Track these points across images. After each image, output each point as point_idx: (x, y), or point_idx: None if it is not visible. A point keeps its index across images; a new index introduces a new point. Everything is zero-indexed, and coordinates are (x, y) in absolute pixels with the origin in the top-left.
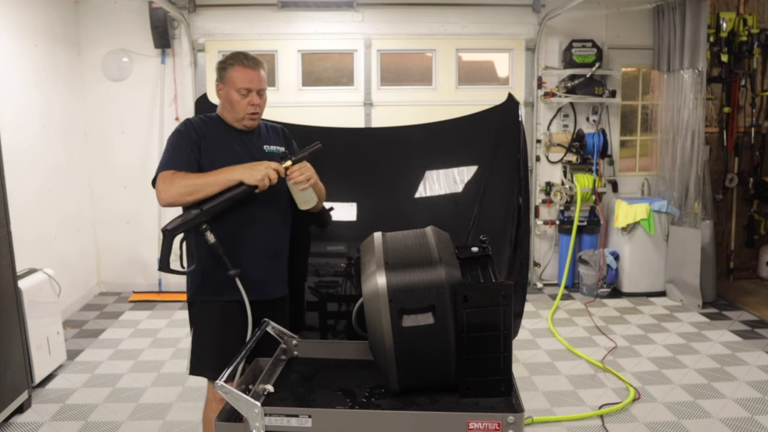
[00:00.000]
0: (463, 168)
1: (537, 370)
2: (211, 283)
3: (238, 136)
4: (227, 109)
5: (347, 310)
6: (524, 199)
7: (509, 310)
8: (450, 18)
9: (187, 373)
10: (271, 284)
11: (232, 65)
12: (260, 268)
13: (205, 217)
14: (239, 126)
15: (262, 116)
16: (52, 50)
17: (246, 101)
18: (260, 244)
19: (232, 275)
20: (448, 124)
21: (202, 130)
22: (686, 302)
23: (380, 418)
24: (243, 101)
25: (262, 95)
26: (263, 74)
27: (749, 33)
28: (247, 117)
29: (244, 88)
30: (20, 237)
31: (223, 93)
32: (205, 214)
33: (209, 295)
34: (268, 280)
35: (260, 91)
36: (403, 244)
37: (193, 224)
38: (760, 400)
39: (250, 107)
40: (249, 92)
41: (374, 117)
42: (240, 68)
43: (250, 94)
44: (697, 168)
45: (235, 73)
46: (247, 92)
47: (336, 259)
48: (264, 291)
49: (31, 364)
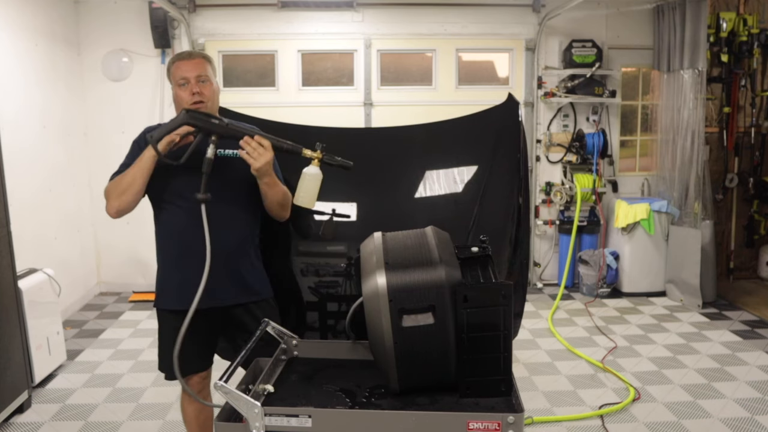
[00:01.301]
0: (463, 168)
1: (537, 370)
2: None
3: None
4: (177, 107)
5: (347, 310)
6: (524, 199)
7: (509, 310)
8: (450, 18)
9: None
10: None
11: (172, 63)
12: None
13: (222, 130)
14: None
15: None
16: (52, 50)
17: (186, 91)
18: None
19: (201, 199)
20: (448, 124)
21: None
22: (686, 302)
23: (380, 418)
24: (183, 93)
25: (205, 83)
26: (201, 62)
27: (749, 33)
28: (193, 107)
29: (182, 78)
30: (20, 237)
31: (172, 96)
32: (223, 128)
33: (159, 303)
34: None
35: (199, 78)
36: (403, 244)
37: (208, 127)
38: (760, 400)
39: (190, 96)
40: (187, 82)
41: (374, 117)
42: (176, 63)
43: (188, 84)
44: (697, 168)
45: (173, 69)
46: (185, 82)
47: (336, 259)
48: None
49: (31, 364)
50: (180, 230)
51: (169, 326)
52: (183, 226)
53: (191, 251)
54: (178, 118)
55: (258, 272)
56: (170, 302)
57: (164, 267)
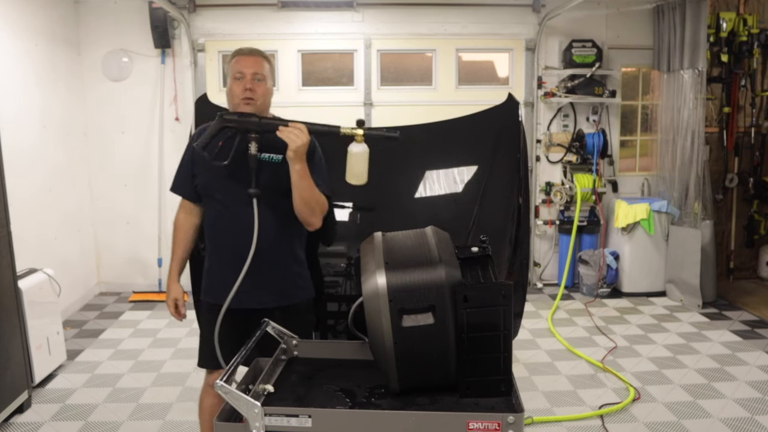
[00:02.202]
0: (463, 168)
1: (537, 370)
2: (207, 283)
3: (240, 139)
4: (229, 101)
5: (347, 310)
6: (524, 199)
7: (509, 310)
8: (450, 18)
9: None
10: (264, 294)
11: (233, 58)
12: (252, 276)
13: (257, 127)
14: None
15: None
16: (52, 50)
17: (239, 86)
18: (244, 250)
19: (252, 194)
20: (448, 124)
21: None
22: (686, 302)
23: (380, 418)
24: (237, 87)
25: (260, 81)
26: (260, 60)
27: (749, 33)
28: (242, 102)
29: (238, 72)
30: (20, 237)
31: (227, 88)
32: (259, 125)
33: (203, 294)
34: (255, 289)
35: (255, 75)
36: (403, 244)
37: (244, 126)
38: (760, 400)
39: (243, 92)
40: (243, 77)
41: (374, 117)
42: (236, 57)
43: (243, 79)
44: (697, 168)
45: (233, 63)
46: (241, 75)
47: (336, 259)
48: (248, 299)
49: (31, 364)
50: (223, 231)
51: (202, 317)
52: (226, 227)
53: (234, 251)
54: (214, 124)
55: (299, 277)
56: (212, 296)
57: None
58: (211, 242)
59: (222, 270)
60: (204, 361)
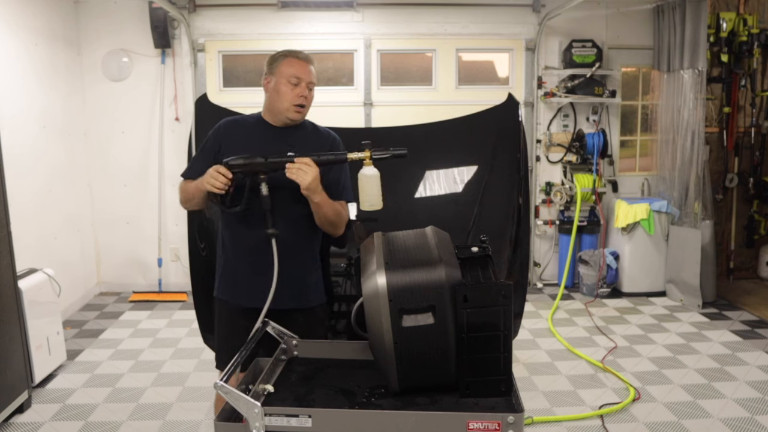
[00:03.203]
0: (463, 168)
1: (537, 370)
2: (225, 281)
3: (275, 135)
4: (273, 101)
5: (347, 310)
6: (524, 199)
7: (509, 310)
8: (450, 18)
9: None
10: (283, 295)
11: (285, 57)
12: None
13: (265, 168)
14: (283, 119)
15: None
16: (52, 50)
17: (295, 92)
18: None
19: (270, 234)
20: (448, 124)
21: (229, 133)
22: (686, 302)
23: (380, 418)
24: (291, 91)
25: (311, 90)
26: (313, 70)
27: (749, 33)
28: (293, 109)
29: (295, 76)
30: (20, 237)
31: (271, 85)
32: (266, 165)
33: (220, 293)
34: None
35: (309, 85)
36: (403, 244)
37: (250, 169)
38: (760, 400)
39: (297, 98)
40: (299, 82)
41: (374, 117)
42: (293, 60)
43: (299, 85)
44: (697, 168)
45: (286, 64)
46: (297, 81)
47: (336, 259)
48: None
49: (31, 364)
50: (238, 230)
51: (219, 315)
52: (240, 227)
53: (247, 250)
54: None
55: (315, 279)
56: (225, 294)
57: (222, 261)
58: (232, 243)
59: (237, 270)
60: (224, 364)
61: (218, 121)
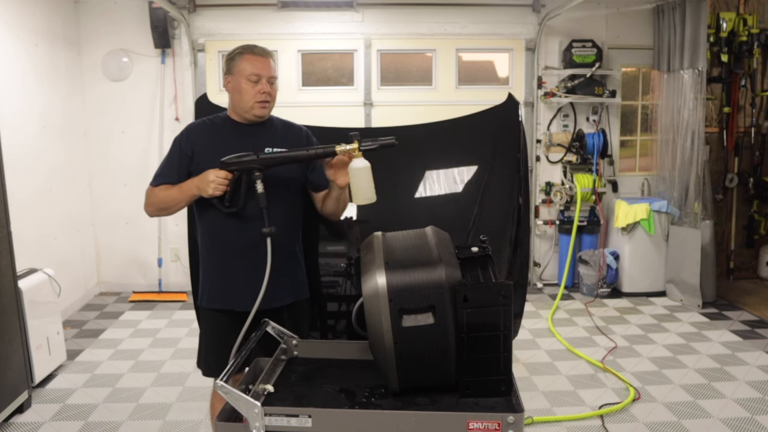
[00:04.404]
0: (463, 168)
1: (537, 370)
2: (215, 289)
3: (245, 133)
4: (236, 100)
5: (347, 310)
6: (524, 199)
7: (509, 310)
8: (450, 18)
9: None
10: (273, 294)
11: (241, 54)
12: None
13: (258, 164)
14: (249, 117)
15: (273, 107)
16: (52, 50)
17: (256, 89)
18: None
19: (266, 233)
20: (448, 124)
21: (198, 135)
22: (686, 302)
23: (380, 418)
24: (252, 89)
25: (273, 84)
26: (273, 64)
27: (749, 33)
28: (257, 106)
29: (254, 74)
30: (20, 237)
31: (231, 85)
32: (259, 162)
33: (209, 302)
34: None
35: (270, 79)
36: (403, 244)
37: (245, 166)
38: (760, 400)
39: (259, 95)
40: (259, 79)
41: (374, 117)
42: (249, 56)
43: (260, 82)
44: (697, 168)
45: (244, 62)
46: (257, 79)
47: (336, 259)
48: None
49: (31, 364)
50: (226, 233)
51: (210, 325)
52: (229, 229)
53: (239, 253)
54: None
55: (302, 273)
56: (216, 302)
57: (209, 267)
58: (216, 248)
59: (229, 275)
60: (211, 371)
61: None
